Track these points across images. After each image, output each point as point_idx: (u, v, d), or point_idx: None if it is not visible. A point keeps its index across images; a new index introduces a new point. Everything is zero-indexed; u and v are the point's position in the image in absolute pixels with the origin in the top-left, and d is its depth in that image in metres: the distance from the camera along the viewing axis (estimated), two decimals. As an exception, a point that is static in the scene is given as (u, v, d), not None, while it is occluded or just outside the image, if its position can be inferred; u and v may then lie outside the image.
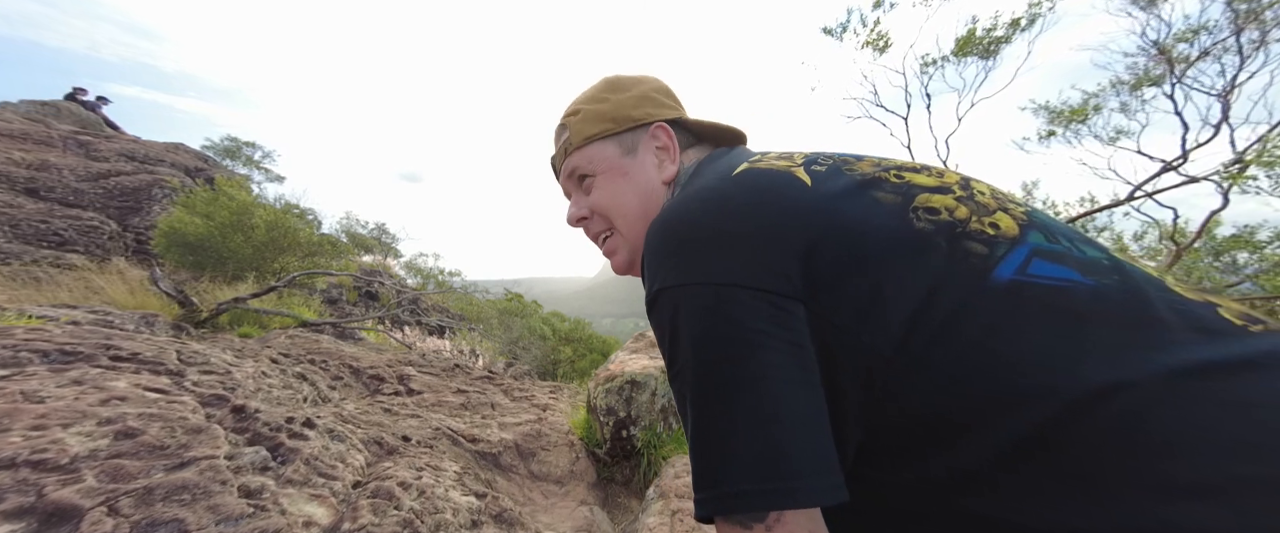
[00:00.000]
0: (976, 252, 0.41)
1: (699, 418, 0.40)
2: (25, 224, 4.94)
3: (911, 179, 0.48)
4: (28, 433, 1.15)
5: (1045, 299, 0.38)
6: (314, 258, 6.13)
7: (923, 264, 0.41)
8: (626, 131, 0.64)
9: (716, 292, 0.41)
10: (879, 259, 0.41)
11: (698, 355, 0.41)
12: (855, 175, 0.48)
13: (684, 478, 1.90)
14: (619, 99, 0.65)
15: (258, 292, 4.29)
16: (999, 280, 0.39)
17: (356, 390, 2.80)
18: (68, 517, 0.97)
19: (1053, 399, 0.34)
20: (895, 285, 0.40)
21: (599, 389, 2.57)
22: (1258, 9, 5.25)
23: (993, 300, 0.38)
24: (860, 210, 0.44)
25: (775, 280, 0.41)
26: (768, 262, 0.42)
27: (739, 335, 0.39)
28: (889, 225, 0.43)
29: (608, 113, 0.64)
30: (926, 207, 0.44)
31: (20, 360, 1.60)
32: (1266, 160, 5.36)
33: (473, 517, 1.50)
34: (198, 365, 1.98)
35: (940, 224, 0.43)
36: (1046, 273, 0.39)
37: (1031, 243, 0.42)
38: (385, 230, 14.01)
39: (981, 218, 0.44)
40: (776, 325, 0.40)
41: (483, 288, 10.63)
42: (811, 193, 0.46)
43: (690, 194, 0.51)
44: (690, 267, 0.43)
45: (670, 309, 0.43)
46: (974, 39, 7.03)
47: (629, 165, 0.64)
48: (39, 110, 8.29)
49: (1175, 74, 5.97)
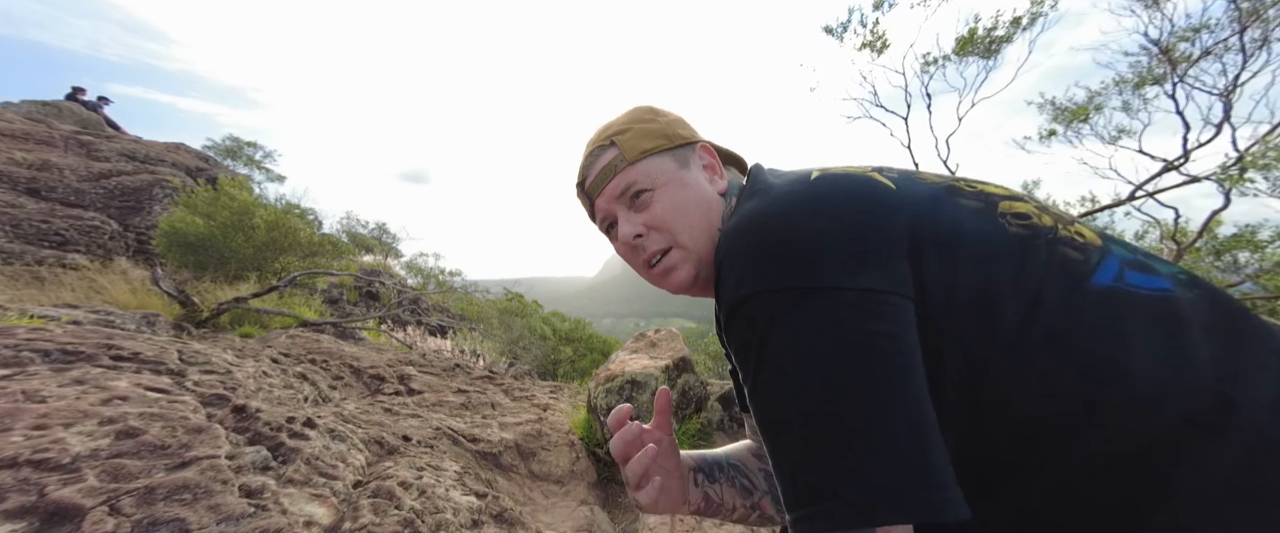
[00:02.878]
0: (1074, 257, 0.41)
1: (810, 426, 0.37)
2: (27, 224, 4.94)
3: (983, 188, 0.48)
4: (29, 432, 1.15)
5: (1148, 307, 0.38)
6: (315, 258, 6.14)
7: (1026, 268, 0.40)
8: (678, 147, 0.64)
9: (825, 294, 0.39)
10: (983, 261, 0.40)
11: (809, 362, 0.38)
12: (930, 183, 0.48)
13: (684, 478, 1.90)
14: (666, 119, 0.66)
15: (258, 292, 4.29)
16: (1098, 286, 0.39)
17: (357, 390, 2.80)
18: (69, 516, 0.97)
19: (1169, 407, 0.33)
20: (1002, 289, 0.39)
21: (599, 389, 2.57)
22: (1260, 7, 5.24)
23: (1096, 306, 0.38)
24: (952, 213, 0.44)
25: (887, 280, 0.39)
26: (874, 260, 0.40)
27: (856, 339, 0.37)
28: (985, 229, 0.42)
29: (658, 131, 0.64)
30: (1014, 212, 0.44)
31: (22, 360, 1.60)
32: (1263, 164, 5.36)
33: (473, 517, 1.51)
34: (199, 365, 1.98)
35: (1035, 229, 0.43)
36: (1142, 283, 0.39)
37: (1118, 254, 0.42)
38: (385, 230, 14.03)
39: (1067, 226, 0.44)
40: (894, 326, 0.38)
41: (483, 288, 10.63)
42: (900, 195, 0.45)
43: (774, 199, 0.48)
44: (790, 269, 0.41)
45: (766, 314, 0.40)
46: (975, 38, 7.03)
47: (686, 178, 0.63)
48: (40, 110, 8.31)
49: (1177, 73, 5.96)
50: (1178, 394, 0.34)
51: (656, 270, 0.63)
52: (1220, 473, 0.32)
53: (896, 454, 0.34)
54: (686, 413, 2.82)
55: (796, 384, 0.38)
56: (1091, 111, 6.82)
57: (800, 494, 0.36)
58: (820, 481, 0.35)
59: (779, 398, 0.39)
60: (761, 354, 0.40)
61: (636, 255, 0.64)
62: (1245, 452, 0.32)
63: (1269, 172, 5.36)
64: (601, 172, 0.64)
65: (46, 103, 8.69)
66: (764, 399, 0.41)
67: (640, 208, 0.62)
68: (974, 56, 7.19)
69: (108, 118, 9.35)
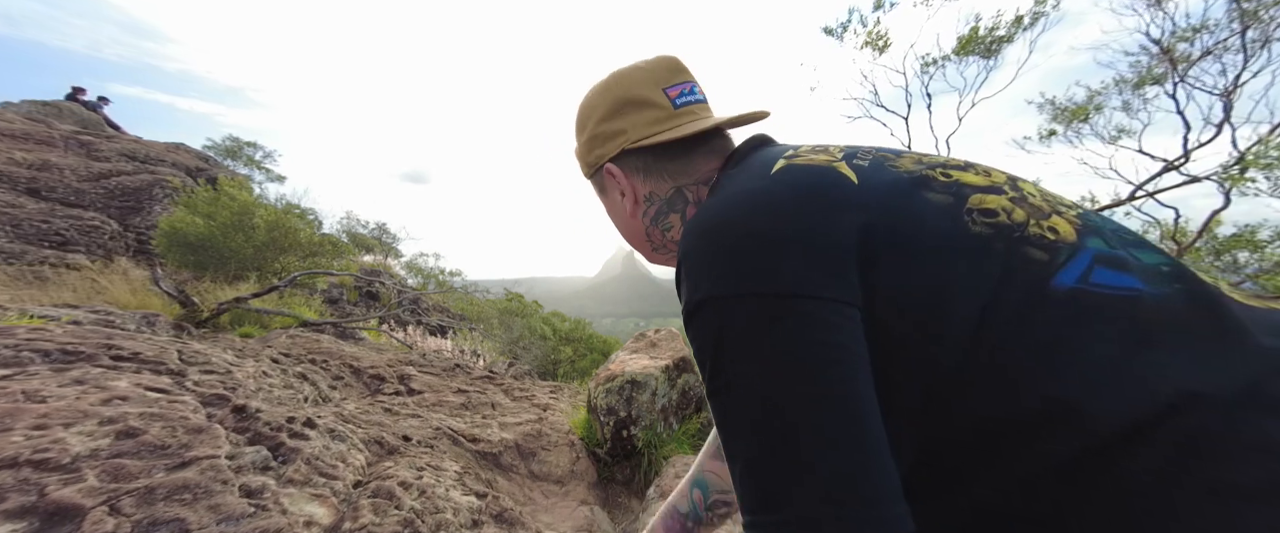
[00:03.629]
0: (1036, 258, 0.39)
1: (757, 438, 0.37)
2: (27, 224, 4.95)
3: (960, 178, 0.45)
4: (29, 432, 1.15)
5: (1109, 309, 0.36)
6: (315, 258, 6.14)
7: (982, 270, 0.38)
8: (594, 175, 0.67)
9: (770, 302, 0.38)
10: (937, 265, 0.39)
11: (754, 371, 0.37)
12: (901, 173, 0.46)
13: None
14: (580, 143, 0.66)
15: (259, 292, 4.29)
16: (1059, 288, 0.37)
17: (357, 390, 2.80)
18: (69, 516, 0.97)
19: (1118, 414, 0.33)
20: (955, 293, 0.38)
21: (599, 389, 2.57)
22: (1261, 8, 5.24)
23: (1055, 310, 0.37)
24: (913, 211, 0.42)
25: (832, 287, 0.38)
26: (822, 266, 0.39)
27: (800, 349, 0.37)
28: (944, 228, 0.41)
29: (582, 156, 0.67)
30: (981, 208, 0.42)
31: (22, 360, 1.60)
32: (1264, 163, 5.35)
33: (473, 517, 1.51)
34: (199, 365, 1.98)
35: (998, 227, 0.41)
36: (1109, 281, 0.37)
37: (1091, 249, 0.40)
38: (385, 230, 14.03)
39: (1039, 221, 0.42)
40: (839, 335, 0.37)
41: (483, 288, 10.63)
42: (860, 191, 0.43)
43: (729, 195, 0.47)
44: (737, 275, 0.40)
45: (716, 321, 0.40)
46: (976, 38, 7.03)
47: (610, 205, 0.68)
48: (40, 110, 8.31)
49: (1177, 73, 5.96)
50: (1125, 400, 0.33)
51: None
52: (1157, 475, 0.31)
53: (840, 469, 0.34)
54: (686, 413, 2.82)
55: (743, 395, 0.38)
56: (1091, 111, 6.81)
57: (751, 502, 0.37)
58: (769, 492, 0.35)
59: (728, 407, 0.39)
60: (714, 362, 0.40)
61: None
62: (1182, 452, 0.31)
63: (1271, 171, 5.36)
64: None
65: (46, 103, 8.69)
66: (716, 407, 0.40)
67: None
68: (974, 56, 7.20)
69: (107, 118, 9.36)
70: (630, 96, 0.61)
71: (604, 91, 0.62)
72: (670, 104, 0.60)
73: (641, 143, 0.59)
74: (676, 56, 0.63)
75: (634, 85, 0.61)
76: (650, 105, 0.60)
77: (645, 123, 0.60)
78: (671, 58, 0.63)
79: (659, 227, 0.64)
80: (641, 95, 0.60)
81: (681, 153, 0.61)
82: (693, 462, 0.78)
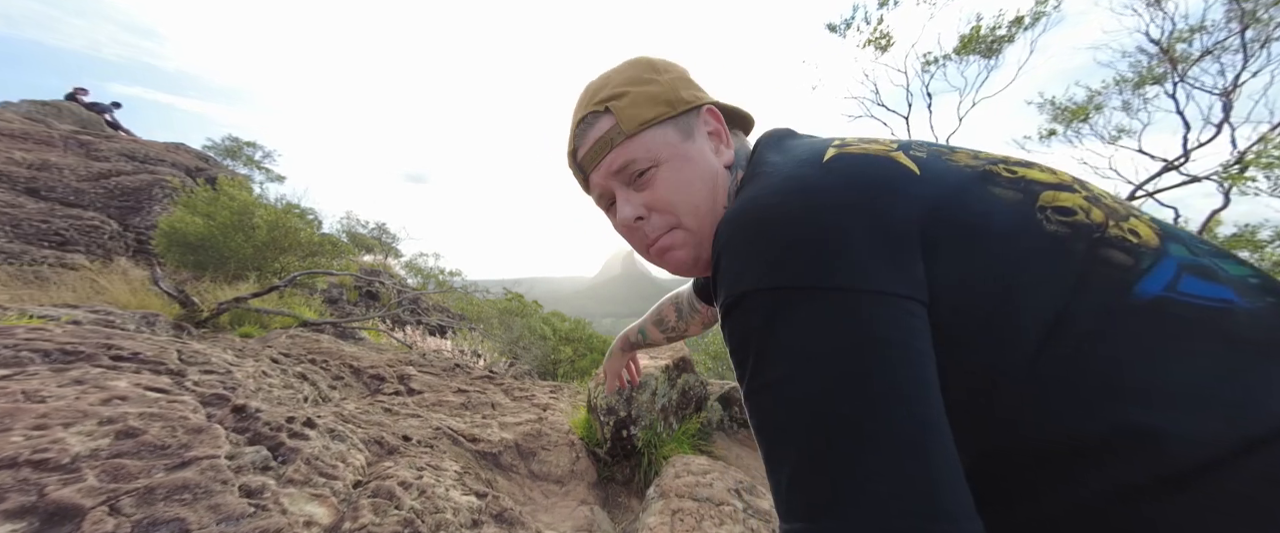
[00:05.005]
0: (1119, 261, 0.35)
1: (815, 440, 0.33)
2: (26, 224, 4.94)
3: (1025, 174, 0.42)
4: (29, 432, 1.15)
5: (1201, 322, 0.33)
6: (315, 258, 6.14)
7: (1057, 273, 0.35)
8: (681, 115, 0.56)
9: (832, 295, 0.35)
10: (1007, 264, 0.36)
11: (813, 370, 0.34)
12: (962, 166, 0.42)
13: (684, 478, 1.90)
14: (667, 80, 0.57)
15: (258, 291, 4.29)
16: (1143, 296, 0.34)
17: (357, 390, 2.80)
18: (69, 516, 0.97)
19: (1204, 441, 0.30)
20: (1027, 296, 0.35)
21: (599, 389, 2.57)
22: (1260, 7, 5.24)
23: (1137, 320, 0.33)
24: (979, 206, 0.39)
25: (898, 282, 0.35)
26: (887, 261, 0.36)
27: (867, 348, 0.34)
28: (1014, 226, 0.38)
29: (660, 95, 0.55)
30: (1056, 206, 0.39)
31: (21, 360, 1.60)
32: (1265, 163, 5.36)
33: (473, 516, 1.51)
34: (198, 365, 1.98)
35: (1077, 227, 0.37)
36: (1200, 291, 0.34)
37: (1176, 256, 0.36)
38: (385, 230, 14.03)
39: (1119, 223, 0.38)
40: (906, 334, 0.34)
41: (483, 288, 10.63)
42: (922, 183, 0.40)
43: (777, 182, 0.43)
44: (795, 265, 0.37)
45: (766, 313, 0.37)
46: (977, 37, 7.03)
47: (691, 151, 0.56)
48: (40, 110, 8.30)
49: (1177, 73, 5.97)
50: (1213, 426, 0.30)
51: (655, 248, 0.59)
52: (1245, 508, 0.28)
53: (916, 478, 0.31)
54: (686, 413, 2.81)
55: (798, 393, 0.35)
56: (1091, 111, 6.82)
57: (804, 510, 0.33)
58: (820, 500, 0.32)
59: (778, 406, 0.36)
60: (760, 357, 0.37)
61: (636, 237, 0.59)
62: (1256, 480, 0.28)
63: (1271, 170, 5.36)
64: (597, 144, 0.56)
65: (46, 102, 8.69)
66: (761, 404, 0.37)
67: (641, 186, 0.56)
68: (975, 56, 7.20)
69: (113, 120, 9.32)
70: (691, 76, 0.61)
71: (674, 63, 0.61)
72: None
73: (727, 106, 0.60)
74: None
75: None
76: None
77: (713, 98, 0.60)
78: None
79: (733, 179, 0.59)
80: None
81: (740, 133, 0.62)
82: (643, 321, 1.03)
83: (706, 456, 2.41)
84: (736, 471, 2.08)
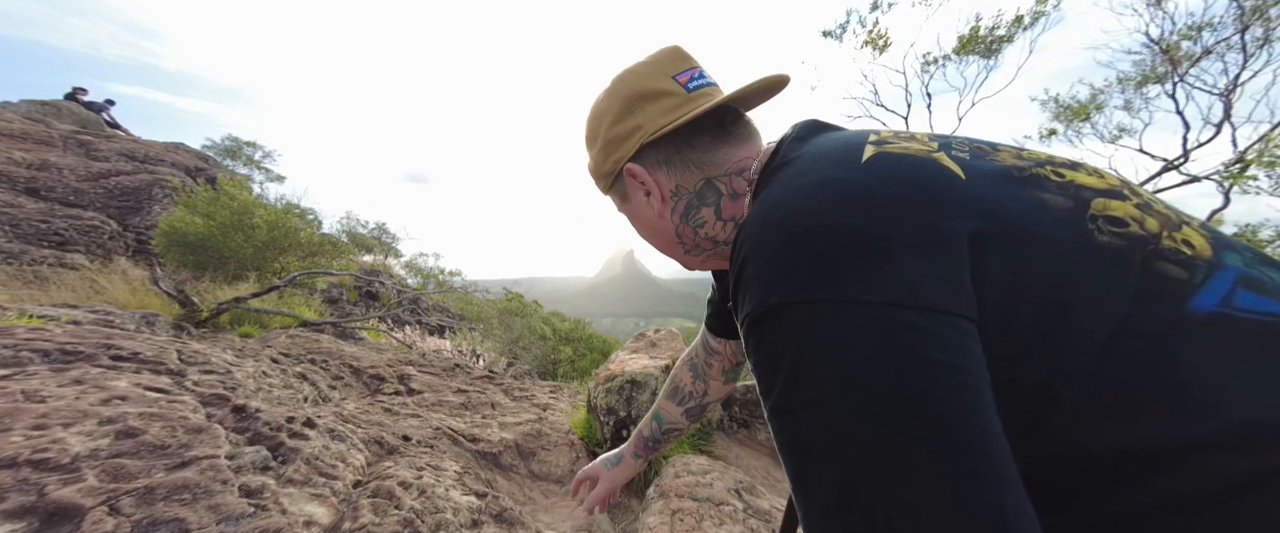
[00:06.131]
0: (1173, 275, 0.34)
1: (855, 467, 0.31)
2: (26, 224, 4.94)
3: (1073, 178, 0.40)
4: (29, 432, 1.15)
5: (1256, 337, 0.32)
6: (314, 258, 6.14)
7: (1113, 288, 0.34)
8: (613, 186, 0.63)
9: (878, 311, 0.33)
10: (1059, 276, 0.34)
11: (856, 391, 0.32)
12: (1009, 169, 0.40)
13: (684, 477, 1.90)
14: (594, 155, 0.62)
15: (258, 291, 4.29)
16: (1198, 312, 0.33)
17: (357, 390, 2.80)
18: (69, 516, 0.97)
19: (1261, 460, 0.29)
20: (1080, 313, 0.33)
21: (599, 389, 2.57)
22: (1263, 6, 5.24)
23: (1194, 337, 0.32)
24: (1029, 214, 0.37)
25: (949, 298, 0.33)
26: (936, 274, 0.34)
27: (918, 368, 0.31)
28: (1066, 237, 0.36)
29: (596, 169, 0.63)
30: (1107, 215, 0.37)
31: (21, 360, 1.60)
32: (1267, 161, 5.36)
33: (473, 516, 1.50)
34: (198, 365, 1.98)
35: (1131, 238, 0.36)
36: (1254, 306, 0.33)
37: (1232, 267, 0.35)
38: (385, 230, 14.04)
39: (1172, 233, 0.36)
40: (959, 355, 0.32)
41: (483, 288, 10.63)
42: (969, 188, 0.38)
43: (809, 184, 0.41)
44: (834, 277, 0.34)
45: (801, 329, 0.35)
46: (976, 37, 7.03)
47: (632, 211, 0.64)
48: (39, 110, 8.30)
49: (1177, 72, 5.97)
50: (1271, 446, 0.29)
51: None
52: None
53: (984, 504, 0.29)
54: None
55: (839, 415, 0.32)
56: (1093, 110, 6.82)
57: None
58: (862, 528, 0.30)
59: (815, 427, 0.34)
60: (793, 374, 0.35)
61: None
62: None
63: (1273, 169, 5.37)
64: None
65: (45, 102, 8.69)
66: (788, 425, 0.35)
67: None
68: (974, 56, 7.20)
69: (111, 119, 9.33)
70: (640, 90, 0.56)
71: (611, 94, 0.58)
72: (683, 90, 0.55)
73: (660, 132, 0.54)
74: (679, 45, 0.59)
75: (641, 79, 0.56)
76: (663, 94, 0.55)
77: (660, 112, 0.55)
78: (674, 46, 0.59)
79: (690, 224, 0.59)
80: (652, 87, 0.56)
81: (708, 140, 0.56)
82: (657, 400, 1.00)
83: (706, 456, 2.41)
84: (736, 471, 2.08)
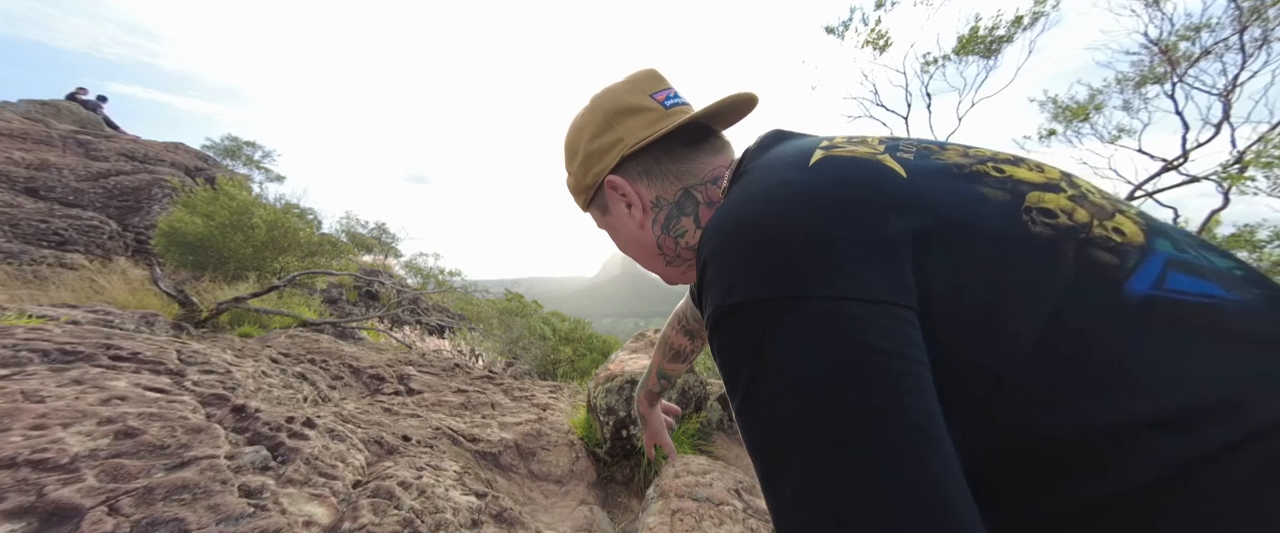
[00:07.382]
0: (1106, 261, 0.36)
1: (816, 457, 0.32)
2: (25, 224, 4.94)
3: (1013, 173, 0.42)
4: (28, 432, 1.15)
5: (1189, 318, 0.33)
6: (314, 258, 6.14)
7: (1046, 276, 0.35)
8: (593, 199, 0.65)
9: (824, 305, 0.34)
10: (996, 267, 0.36)
11: (809, 383, 0.33)
12: (950, 167, 0.43)
13: (684, 477, 1.90)
14: (574, 170, 0.64)
15: (258, 291, 4.29)
16: (1133, 295, 0.34)
17: (357, 390, 2.80)
18: (68, 516, 0.97)
19: (1204, 436, 0.30)
20: (1018, 300, 0.35)
21: (599, 389, 2.57)
22: (1261, 6, 5.25)
23: (1128, 320, 0.33)
24: (968, 208, 0.39)
25: (891, 290, 0.35)
26: (878, 268, 0.35)
27: (865, 360, 0.33)
28: (1003, 228, 0.38)
29: (576, 185, 0.66)
30: (1041, 207, 0.39)
31: (20, 360, 1.60)
32: (1264, 162, 5.37)
33: (473, 516, 1.50)
34: (198, 365, 1.98)
35: (1061, 229, 0.38)
36: (1186, 287, 0.34)
37: (1162, 252, 0.37)
38: (385, 230, 14.03)
39: (1103, 222, 0.38)
40: (904, 345, 0.34)
41: (483, 288, 10.63)
42: (910, 185, 0.40)
43: (762, 188, 0.43)
44: (783, 274, 0.36)
45: (757, 326, 0.36)
46: (976, 38, 7.04)
47: (612, 224, 0.66)
48: (39, 110, 8.30)
49: (1177, 73, 5.97)
50: (1211, 419, 0.30)
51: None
52: (1240, 498, 0.29)
53: (924, 495, 0.30)
54: (687, 413, 2.82)
55: (793, 408, 0.34)
56: (1092, 111, 6.83)
57: (809, 530, 0.33)
58: (837, 519, 0.31)
59: (773, 422, 0.35)
60: (754, 372, 0.36)
61: None
62: (1258, 468, 0.29)
63: (1271, 169, 5.37)
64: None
65: (45, 102, 8.68)
66: (754, 421, 0.37)
67: None
68: (974, 56, 7.21)
69: (106, 117, 9.34)
70: (620, 105, 0.59)
71: (592, 110, 0.61)
72: (660, 106, 0.59)
73: (640, 144, 0.57)
74: (654, 68, 0.64)
75: (621, 96, 0.60)
76: (642, 110, 0.59)
77: (641, 126, 0.58)
78: (650, 69, 0.63)
79: (671, 234, 0.61)
80: (631, 102, 0.59)
81: (684, 151, 0.59)
82: (655, 361, 1.03)
83: (706, 455, 2.41)
84: (736, 470, 2.08)
